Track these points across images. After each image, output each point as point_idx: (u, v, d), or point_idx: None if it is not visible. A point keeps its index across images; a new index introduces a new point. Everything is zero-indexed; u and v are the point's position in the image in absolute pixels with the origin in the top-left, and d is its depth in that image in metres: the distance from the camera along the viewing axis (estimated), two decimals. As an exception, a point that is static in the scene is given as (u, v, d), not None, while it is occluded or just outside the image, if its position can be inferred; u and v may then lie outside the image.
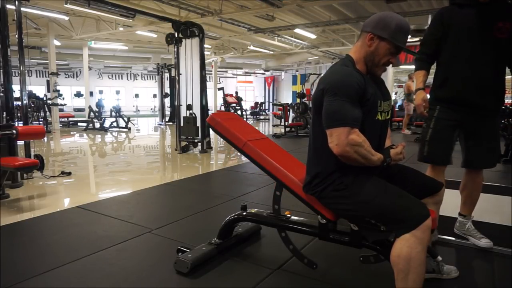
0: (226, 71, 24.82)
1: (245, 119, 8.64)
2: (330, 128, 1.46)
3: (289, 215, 1.91)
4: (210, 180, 4.49)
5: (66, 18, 10.00)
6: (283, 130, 9.63)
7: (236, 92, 18.88)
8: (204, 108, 6.49)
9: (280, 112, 12.74)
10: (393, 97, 16.24)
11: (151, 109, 21.73)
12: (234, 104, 15.01)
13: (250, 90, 28.36)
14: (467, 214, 2.34)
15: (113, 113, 11.58)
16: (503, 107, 11.31)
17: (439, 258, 1.81)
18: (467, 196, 2.32)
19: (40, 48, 14.77)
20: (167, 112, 14.33)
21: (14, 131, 3.46)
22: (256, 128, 3.55)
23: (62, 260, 2.06)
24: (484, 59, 2.02)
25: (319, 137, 1.56)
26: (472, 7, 2.03)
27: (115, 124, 11.30)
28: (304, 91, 11.75)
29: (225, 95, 15.05)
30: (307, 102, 10.64)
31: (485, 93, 2.05)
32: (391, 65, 1.59)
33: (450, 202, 2.36)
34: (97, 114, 11.22)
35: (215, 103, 18.39)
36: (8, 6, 4.11)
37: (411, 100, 9.10)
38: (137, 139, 9.50)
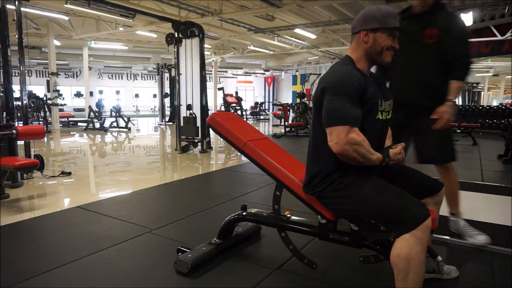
0: (226, 71, 24.81)
1: (245, 119, 8.65)
2: (330, 127, 1.46)
3: (289, 215, 1.91)
4: (210, 180, 4.49)
5: (66, 18, 9.99)
6: (283, 130, 9.63)
7: (236, 92, 18.87)
8: (204, 108, 6.49)
9: (280, 112, 12.75)
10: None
11: (151, 109, 21.72)
12: (234, 104, 15.01)
13: (250, 90, 28.35)
14: (456, 212, 2.38)
15: (113, 113, 11.58)
16: (503, 107, 11.19)
17: (439, 258, 1.81)
18: (447, 194, 2.34)
19: (40, 48, 14.76)
20: (167, 112, 14.32)
21: (14, 131, 3.46)
22: (256, 128, 3.55)
23: (62, 260, 2.06)
24: (416, 63, 2.27)
25: (319, 137, 1.56)
26: (409, 18, 2.30)
27: (115, 124, 11.29)
28: (304, 91, 11.76)
29: (225, 95, 15.05)
30: (307, 102, 10.64)
31: (420, 94, 2.27)
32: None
33: (450, 202, 2.37)
34: (97, 114, 11.21)
35: (215, 103, 18.39)
36: (8, 6, 4.11)
37: None
38: (137, 139, 9.50)
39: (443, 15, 2.20)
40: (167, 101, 14.34)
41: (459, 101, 23.81)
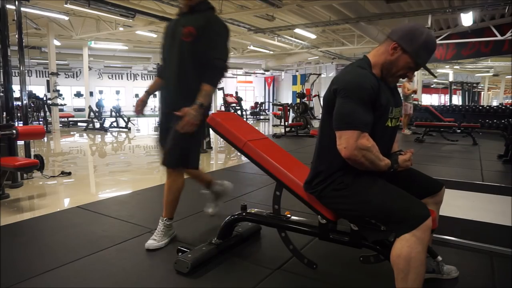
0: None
1: (245, 119, 8.65)
2: (340, 130, 1.45)
3: (289, 215, 1.91)
4: (210, 180, 4.48)
5: (66, 18, 9.99)
6: (283, 130, 9.63)
7: (236, 92, 18.85)
8: (204, 108, 6.47)
9: (280, 112, 12.74)
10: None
11: (151, 109, 21.69)
12: (234, 104, 15.00)
13: (250, 90, 28.33)
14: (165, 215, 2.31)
15: (113, 113, 11.58)
16: (503, 107, 11.16)
17: (439, 258, 1.81)
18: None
19: (40, 48, 14.76)
20: (167, 112, 14.28)
21: (14, 131, 3.46)
22: (256, 128, 3.54)
23: (62, 260, 2.06)
24: (173, 61, 2.22)
25: (326, 136, 1.55)
26: (181, 15, 2.28)
27: (115, 124, 11.29)
28: (304, 91, 11.76)
29: (225, 95, 15.04)
30: (307, 102, 10.64)
31: (168, 92, 2.27)
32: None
33: (450, 202, 2.37)
34: (97, 114, 11.21)
35: (215, 103, 18.38)
36: (8, 6, 4.11)
37: (408, 100, 9.24)
38: (137, 139, 9.50)
39: (204, 17, 2.20)
40: (167, 101, 14.30)
41: (459, 101, 23.85)
